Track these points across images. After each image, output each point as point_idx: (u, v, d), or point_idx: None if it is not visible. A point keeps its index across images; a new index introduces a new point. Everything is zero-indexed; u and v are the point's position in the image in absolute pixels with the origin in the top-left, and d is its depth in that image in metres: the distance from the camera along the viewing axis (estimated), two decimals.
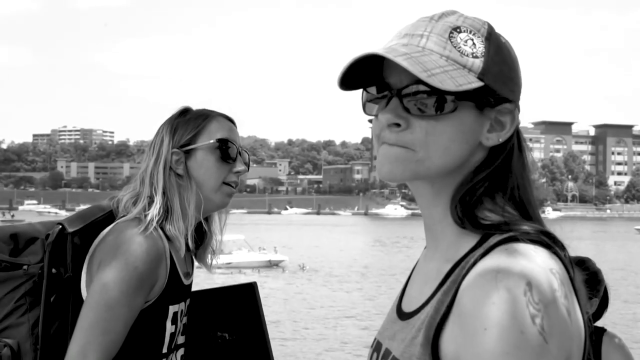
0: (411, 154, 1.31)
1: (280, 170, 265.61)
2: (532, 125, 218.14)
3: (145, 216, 2.34)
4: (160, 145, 2.47)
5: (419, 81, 1.28)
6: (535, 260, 1.19)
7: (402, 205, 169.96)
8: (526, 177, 1.37)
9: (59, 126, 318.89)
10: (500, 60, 1.33)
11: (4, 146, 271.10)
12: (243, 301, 2.68)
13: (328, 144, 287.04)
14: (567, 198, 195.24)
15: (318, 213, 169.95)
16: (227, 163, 2.50)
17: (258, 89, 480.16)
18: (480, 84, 1.29)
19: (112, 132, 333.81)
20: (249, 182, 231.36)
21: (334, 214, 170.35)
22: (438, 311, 1.25)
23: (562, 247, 1.29)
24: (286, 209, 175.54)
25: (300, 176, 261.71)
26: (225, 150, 2.50)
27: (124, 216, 2.37)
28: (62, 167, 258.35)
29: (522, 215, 1.33)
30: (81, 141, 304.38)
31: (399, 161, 1.32)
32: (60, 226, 2.35)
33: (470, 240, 1.30)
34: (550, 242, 1.26)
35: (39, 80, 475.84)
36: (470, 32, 1.32)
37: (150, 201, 2.39)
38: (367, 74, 1.37)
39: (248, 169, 2.60)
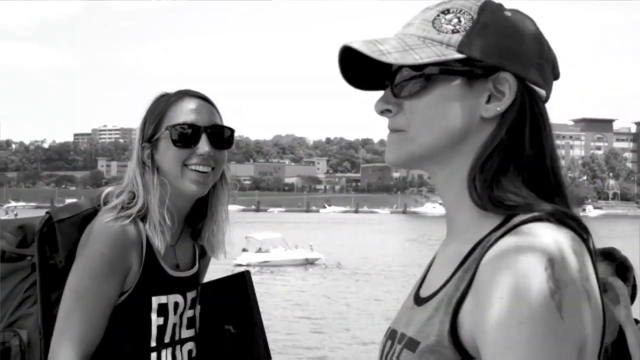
0: (404, 135, 1.33)
1: (318, 169, 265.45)
2: (572, 123, 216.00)
3: (122, 208, 2.30)
4: (136, 141, 2.43)
5: (404, 66, 1.30)
6: (558, 240, 1.18)
7: (440, 204, 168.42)
8: (544, 148, 1.31)
9: (99, 125, 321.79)
10: (495, 32, 1.29)
11: (46, 145, 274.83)
12: (238, 292, 2.63)
13: (366, 142, 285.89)
14: (608, 196, 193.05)
15: (356, 211, 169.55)
16: (186, 147, 2.35)
17: (296, 87, 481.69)
18: (458, 56, 1.28)
19: None
20: (287, 180, 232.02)
21: (372, 212, 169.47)
22: (458, 288, 1.23)
23: (587, 231, 1.26)
24: (324, 207, 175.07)
25: (339, 174, 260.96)
26: (179, 135, 2.35)
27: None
28: (102, 166, 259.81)
29: (545, 195, 1.30)
30: (121, 140, 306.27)
31: (395, 145, 1.35)
32: (48, 215, 2.33)
33: (493, 221, 1.28)
34: (574, 225, 1.24)
35: (80, 81, 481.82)
36: (459, 12, 1.32)
37: (132, 196, 2.35)
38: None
39: (229, 145, 2.44)
